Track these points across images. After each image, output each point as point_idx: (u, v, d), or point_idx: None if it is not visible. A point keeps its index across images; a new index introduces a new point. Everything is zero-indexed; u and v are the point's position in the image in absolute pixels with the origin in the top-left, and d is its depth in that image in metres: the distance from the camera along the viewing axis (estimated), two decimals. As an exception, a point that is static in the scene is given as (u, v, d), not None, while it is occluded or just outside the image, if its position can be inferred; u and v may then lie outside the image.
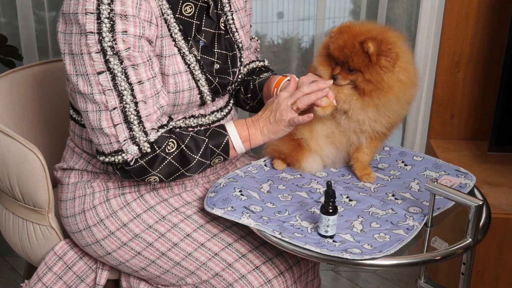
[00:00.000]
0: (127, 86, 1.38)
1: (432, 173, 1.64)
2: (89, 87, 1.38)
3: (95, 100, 1.39)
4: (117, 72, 1.37)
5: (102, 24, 1.35)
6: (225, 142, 1.49)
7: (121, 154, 1.41)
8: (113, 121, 1.39)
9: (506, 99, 2.20)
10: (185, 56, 1.49)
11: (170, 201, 1.56)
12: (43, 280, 1.63)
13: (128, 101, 1.39)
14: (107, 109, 1.39)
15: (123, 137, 1.40)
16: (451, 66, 2.50)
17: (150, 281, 1.59)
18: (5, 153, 1.59)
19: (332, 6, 2.52)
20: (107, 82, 1.37)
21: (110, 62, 1.36)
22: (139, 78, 1.39)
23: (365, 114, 1.52)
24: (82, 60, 1.37)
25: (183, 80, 1.48)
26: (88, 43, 1.36)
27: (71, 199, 1.58)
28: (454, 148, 2.51)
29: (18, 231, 1.68)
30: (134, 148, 1.41)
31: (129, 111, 1.39)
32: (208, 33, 1.56)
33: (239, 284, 1.48)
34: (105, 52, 1.36)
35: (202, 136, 1.48)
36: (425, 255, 1.36)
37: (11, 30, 2.47)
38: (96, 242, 1.55)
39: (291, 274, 1.52)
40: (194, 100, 1.52)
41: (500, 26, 2.39)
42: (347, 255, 1.30)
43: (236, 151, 1.52)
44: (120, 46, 1.36)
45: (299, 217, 1.45)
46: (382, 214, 1.46)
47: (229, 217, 1.44)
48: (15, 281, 2.47)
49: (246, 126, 1.51)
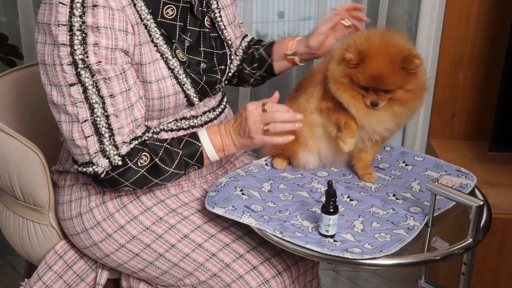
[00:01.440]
0: (98, 99, 1.38)
1: (433, 173, 1.64)
2: (62, 98, 1.38)
3: (67, 111, 1.39)
4: (88, 85, 1.37)
5: (74, 36, 1.34)
6: (200, 153, 1.49)
7: (91, 166, 1.41)
8: (84, 133, 1.39)
9: (507, 99, 2.20)
10: (168, 61, 1.47)
11: (167, 202, 1.56)
12: (43, 279, 1.62)
13: (99, 114, 1.38)
14: (78, 121, 1.38)
15: (94, 150, 1.40)
16: (451, 66, 2.50)
17: (150, 281, 1.59)
18: (6, 152, 1.59)
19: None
20: (79, 94, 1.37)
21: (81, 75, 1.36)
22: (110, 92, 1.38)
23: (383, 125, 1.52)
24: (55, 71, 1.37)
25: (167, 85, 1.47)
26: (60, 55, 1.36)
27: (67, 202, 1.58)
28: (455, 148, 2.51)
29: (18, 230, 1.68)
30: (105, 161, 1.41)
31: (100, 124, 1.39)
32: (194, 32, 1.55)
33: (237, 284, 1.48)
34: (77, 64, 1.35)
35: (175, 148, 1.47)
36: (426, 255, 1.36)
37: (12, 29, 2.47)
38: (94, 244, 1.55)
39: (289, 274, 1.52)
40: (181, 103, 1.51)
41: (501, 26, 2.39)
42: (347, 254, 1.30)
43: (210, 160, 1.51)
44: (92, 59, 1.35)
45: (300, 217, 1.45)
46: (383, 214, 1.46)
47: (230, 216, 1.43)
48: (15, 280, 2.47)
49: (220, 136, 1.50)
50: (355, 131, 1.52)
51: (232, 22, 1.66)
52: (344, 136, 1.53)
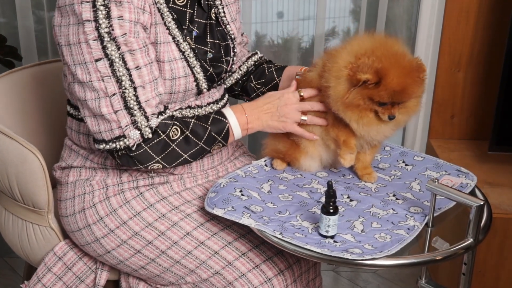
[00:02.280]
0: (125, 72, 1.40)
1: (433, 173, 1.63)
2: (88, 75, 1.39)
3: (94, 87, 1.40)
4: (115, 58, 1.39)
5: (98, 12, 1.37)
6: (226, 129, 1.53)
7: (122, 140, 1.42)
8: (113, 107, 1.41)
9: (507, 99, 2.20)
10: (180, 44, 1.51)
11: (170, 199, 1.56)
12: (42, 281, 1.62)
13: (127, 86, 1.40)
14: (107, 95, 1.40)
15: (125, 123, 1.41)
16: (451, 66, 2.50)
17: (149, 280, 1.59)
18: (5, 153, 1.59)
19: (332, 6, 2.52)
20: (105, 68, 1.39)
21: (107, 48, 1.38)
22: (136, 64, 1.41)
23: (383, 134, 1.52)
24: (80, 48, 1.39)
25: (179, 67, 1.50)
26: (85, 31, 1.38)
27: (70, 198, 1.58)
28: (455, 148, 2.50)
29: (17, 232, 1.68)
30: (136, 133, 1.42)
31: (129, 97, 1.41)
32: (200, 24, 1.58)
33: (239, 282, 1.48)
34: (102, 38, 1.38)
35: (204, 124, 1.51)
36: (426, 255, 1.36)
37: (10, 30, 2.46)
38: (95, 240, 1.55)
39: (291, 272, 1.52)
40: (190, 87, 1.53)
41: (501, 25, 2.39)
42: (347, 255, 1.30)
43: (234, 137, 1.55)
44: (117, 31, 1.38)
45: (299, 217, 1.44)
46: (383, 214, 1.46)
47: (229, 217, 1.43)
48: (14, 282, 2.47)
49: (245, 114, 1.55)
50: (354, 147, 1.54)
51: (234, 20, 1.69)
52: (343, 153, 1.55)
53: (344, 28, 2.56)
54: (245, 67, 1.82)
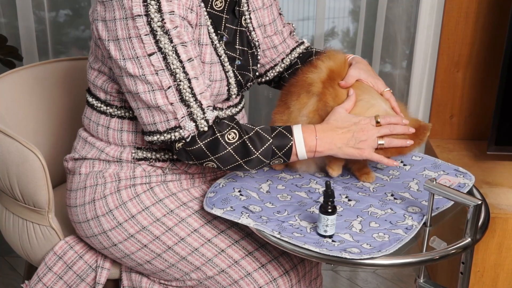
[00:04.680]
0: (178, 64, 1.40)
1: (431, 173, 1.64)
2: (140, 69, 1.40)
3: (147, 80, 1.40)
4: (168, 51, 1.39)
5: (149, 6, 1.37)
6: (289, 146, 1.47)
7: (178, 131, 1.42)
8: (169, 99, 1.40)
9: (506, 99, 2.20)
10: (217, 48, 1.52)
11: (179, 196, 1.57)
12: (43, 281, 1.63)
13: (181, 79, 1.40)
14: (162, 88, 1.40)
15: (181, 114, 1.41)
16: (450, 66, 2.50)
17: (153, 276, 1.59)
18: (5, 153, 1.59)
19: (332, 6, 2.52)
20: (159, 62, 1.39)
21: (160, 42, 1.38)
22: (188, 56, 1.41)
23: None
24: (131, 43, 1.39)
25: (216, 70, 1.52)
26: (137, 26, 1.37)
27: (82, 188, 1.58)
28: (454, 148, 2.51)
29: (18, 231, 1.68)
30: (191, 125, 1.42)
31: (184, 89, 1.41)
32: (231, 30, 1.58)
33: (245, 281, 1.49)
34: (155, 32, 1.38)
35: (266, 135, 1.46)
36: (424, 255, 1.36)
37: (11, 30, 2.47)
38: (103, 232, 1.55)
39: (295, 272, 1.53)
40: (222, 92, 1.54)
41: (500, 26, 2.39)
42: (346, 254, 1.30)
43: (298, 158, 1.49)
44: (169, 25, 1.38)
45: (298, 217, 1.45)
46: (381, 214, 1.46)
47: (228, 217, 1.44)
48: (15, 281, 2.47)
49: (315, 137, 1.47)
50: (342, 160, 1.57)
51: (262, 24, 1.68)
52: (332, 164, 1.58)
53: (344, 28, 2.57)
54: (288, 60, 1.76)
